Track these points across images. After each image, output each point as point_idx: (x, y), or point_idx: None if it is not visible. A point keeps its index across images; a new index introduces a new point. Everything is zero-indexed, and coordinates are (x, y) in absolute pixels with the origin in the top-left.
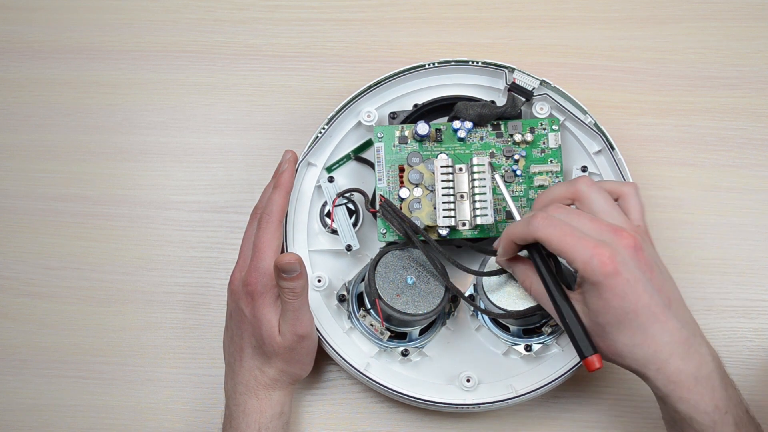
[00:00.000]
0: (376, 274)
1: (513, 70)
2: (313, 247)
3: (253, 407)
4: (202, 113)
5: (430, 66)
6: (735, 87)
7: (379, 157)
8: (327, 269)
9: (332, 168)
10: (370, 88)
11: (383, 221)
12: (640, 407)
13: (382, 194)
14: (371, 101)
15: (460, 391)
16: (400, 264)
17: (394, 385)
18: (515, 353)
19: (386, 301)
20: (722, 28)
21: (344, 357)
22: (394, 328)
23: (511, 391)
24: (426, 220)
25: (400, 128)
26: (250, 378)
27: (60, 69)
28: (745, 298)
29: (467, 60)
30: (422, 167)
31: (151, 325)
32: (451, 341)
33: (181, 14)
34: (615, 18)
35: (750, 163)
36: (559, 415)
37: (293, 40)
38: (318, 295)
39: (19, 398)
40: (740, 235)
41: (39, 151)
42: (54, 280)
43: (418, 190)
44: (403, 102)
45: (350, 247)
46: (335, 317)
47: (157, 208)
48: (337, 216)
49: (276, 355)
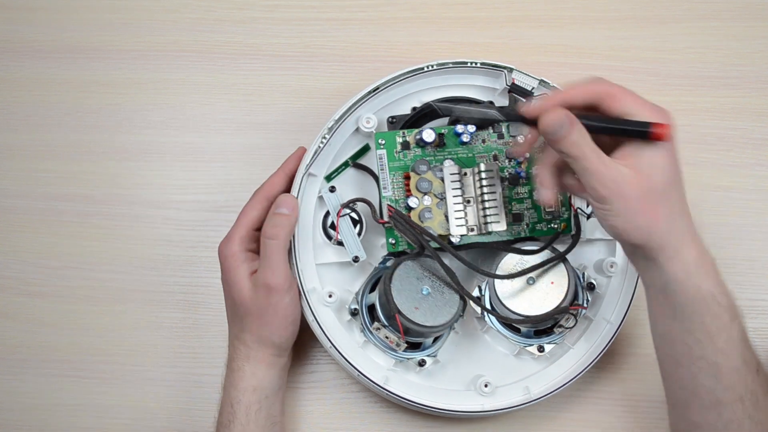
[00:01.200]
0: (392, 289)
1: (512, 70)
2: (319, 261)
3: (229, 381)
4: (202, 113)
5: (429, 68)
6: (735, 87)
7: (382, 164)
8: (334, 282)
9: (331, 176)
10: (370, 94)
11: (391, 231)
12: (640, 407)
13: (390, 204)
14: (369, 106)
15: (477, 396)
16: (414, 275)
17: (416, 397)
18: (527, 354)
19: (406, 315)
20: (723, 27)
21: (363, 372)
22: (410, 339)
23: (528, 394)
24: (438, 229)
25: (402, 134)
26: (231, 349)
27: (60, 69)
28: (745, 298)
29: (466, 61)
30: (430, 175)
31: (151, 324)
32: (460, 345)
33: (181, 14)
34: (615, 18)
35: (750, 163)
36: (559, 415)
37: (293, 40)
38: (329, 310)
39: (19, 398)
40: (740, 235)
41: (39, 151)
42: (54, 280)
43: (428, 199)
44: (401, 105)
45: (357, 258)
46: (347, 331)
47: (157, 207)
48: (341, 227)
49: (248, 315)
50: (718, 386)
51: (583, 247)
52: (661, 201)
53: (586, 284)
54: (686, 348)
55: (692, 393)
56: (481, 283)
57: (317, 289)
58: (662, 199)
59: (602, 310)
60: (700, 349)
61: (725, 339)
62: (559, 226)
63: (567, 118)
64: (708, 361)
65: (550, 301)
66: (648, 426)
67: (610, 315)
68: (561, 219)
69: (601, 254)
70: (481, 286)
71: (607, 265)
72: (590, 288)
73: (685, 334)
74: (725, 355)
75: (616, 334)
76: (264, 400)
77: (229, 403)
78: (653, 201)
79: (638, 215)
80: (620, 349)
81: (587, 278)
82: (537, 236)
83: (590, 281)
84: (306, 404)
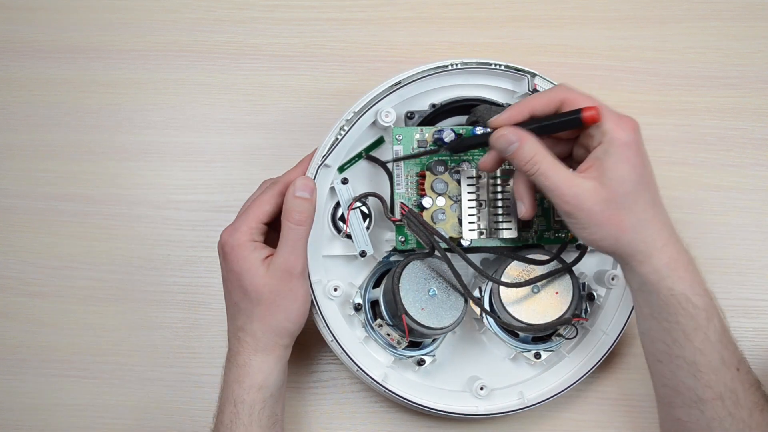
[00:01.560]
0: (400, 289)
1: (534, 75)
2: (326, 253)
3: (232, 377)
4: (202, 113)
5: (454, 67)
6: (735, 87)
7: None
8: (339, 275)
9: (344, 167)
10: (391, 88)
11: (402, 229)
12: (640, 407)
13: (403, 202)
14: (386, 100)
15: (473, 398)
16: (422, 275)
17: (413, 396)
18: (523, 359)
19: (412, 316)
20: (722, 27)
21: (363, 368)
22: (412, 339)
23: (522, 399)
24: (450, 232)
25: (420, 130)
26: (234, 342)
27: (60, 69)
28: (745, 297)
29: (490, 62)
30: (447, 176)
31: (151, 324)
32: (458, 345)
33: (181, 14)
34: (615, 18)
35: (750, 163)
36: (559, 415)
37: (293, 40)
38: (333, 304)
39: (20, 398)
40: (740, 235)
41: (39, 151)
42: (54, 280)
43: (442, 200)
44: (419, 101)
45: (364, 252)
46: (349, 325)
47: (157, 207)
48: (351, 221)
49: (259, 303)
50: (697, 384)
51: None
52: (625, 210)
53: (587, 294)
54: (665, 346)
55: (674, 390)
56: (482, 284)
57: (322, 281)
58: (626, 207)
59: (600, 321)
60: (678, 347)
61: (701, 339)
62: (566, 236)
63: (514, 135)
64: (686, 360)
65: (553, 311)
66: (647, 426)
67: (608, 327)
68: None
69: (602, 265)
70: (481, 288)
71: (608, 278)
72: (590, 298)
73: (663, 333)
74: (703, 354)
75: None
76: (268, 399)
77: (232, 401)
78: (617, 210)
79: (602, 227)
80: (619, 350)
81: (587, 288)
82: (544, 244)
83: (591, 292)
84: (307, 404)
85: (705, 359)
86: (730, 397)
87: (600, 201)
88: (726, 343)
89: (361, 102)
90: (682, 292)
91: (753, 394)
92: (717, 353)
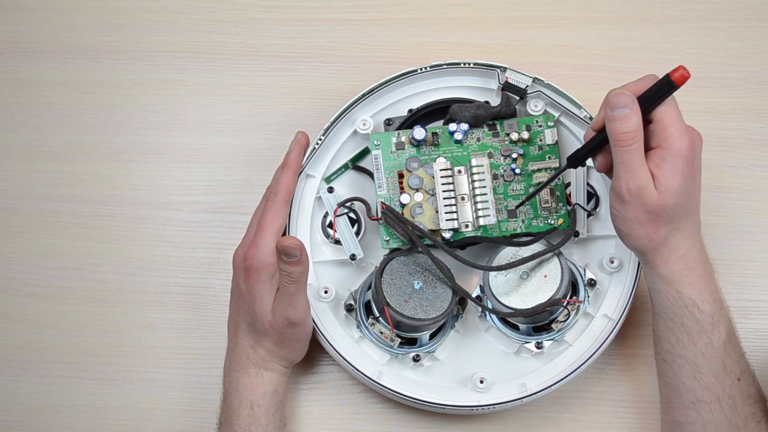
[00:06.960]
0: (382, 282)
1: (505, 69)
2: (318, 258)
3: (244, 384)
4: (202, 113)
5: (423, 70)
6: (735, 87)
7: (377, 164)
8: (332, 280)
9: (331, 178)
10: (364, 96)
11: (386, 228)
12: (640, 407)
13: (383, 201)
14: (365, 109)
15: (473, 392)
16: (406, 270)
17: (408, 391)
18: (526, 351)
19: (394, 307)
20: (722, 28)
21: (356, 366)
22: (404, 334)
23: (524, 390)
24: (429, 224)
25: (397, 134)
26: (243, 355)
27: (60, 69)
28: (745, 298)
29: (459, 62)
30: (421, 172)
31: (152, 325)
32: (461, 344)
33: (181, 14)
34: (615, 18)
35: (750, 163)
36: (560, 415)
37: (293, 40)
38: (325, 306)
39: (19, 398)
40: (740, 235)
41: (39, 151)
42: (54, 280)
43: (419, 195)
44: (398, 108)
45: (354, 256)
46: (344, 327)
47: (158, 208)
48: (339, 226)
49: (266, 335)
50: (697, 385)
51: (585, 244)
52: (664, 218)
53: (587, 281)
54: (669, 345)
55: (675, 391)
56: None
57: (313, 285)
58: (667, 216)
59: (603, 307)
60: (681, 347)
61: (705, 342)
62: (556, 222)
63: (632, 101)
64: (689, 361)
65: (542, 295)
66: (648, 426)
67: (611, 312)
68: (559, 215)
69: (604, 251)
70: (482, 285)
71: (607, 261)
72: (591, 284)
73: (668, 332)
74: (705, 357)
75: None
76: (279, 404)
77: (248, 405)
78: (658, 216)
79: (641, 226)
80: (621, 350)
81: (587, 274)
82: (534, 232)
83: (590, 278)
84: (307, 405)
85: (706, 362)
86: (727, 403)
87: (653, 204)
88: (730, 351)
89: (337, 112)
90: (690, 297)
91: (751, 405)
92: (719, 359)
